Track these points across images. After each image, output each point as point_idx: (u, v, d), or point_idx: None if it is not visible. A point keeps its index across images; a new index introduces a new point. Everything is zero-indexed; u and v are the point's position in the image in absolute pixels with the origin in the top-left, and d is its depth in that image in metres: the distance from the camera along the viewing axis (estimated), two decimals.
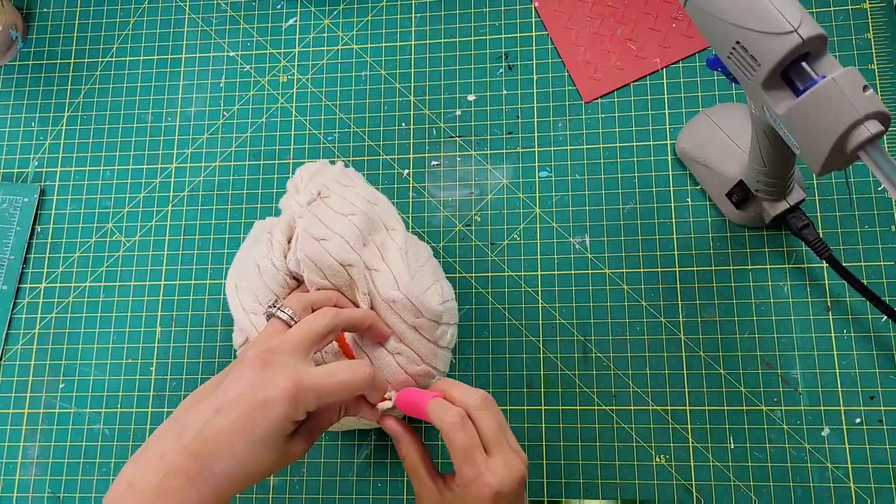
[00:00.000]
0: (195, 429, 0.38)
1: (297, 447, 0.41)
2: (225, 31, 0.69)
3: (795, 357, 0.56)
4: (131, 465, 0.38)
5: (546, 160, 0.62)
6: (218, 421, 0.38)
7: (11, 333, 0.64)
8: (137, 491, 0.37)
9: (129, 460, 0.39)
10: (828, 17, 0.61)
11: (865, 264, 0.57)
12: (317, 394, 0.39)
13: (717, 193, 0.58)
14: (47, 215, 0.67)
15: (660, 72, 0.63)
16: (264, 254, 0.49)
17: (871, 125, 0.37)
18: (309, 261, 0.46)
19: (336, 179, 0.52)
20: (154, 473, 0.37)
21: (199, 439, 0.38)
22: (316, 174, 0.53)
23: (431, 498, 0.43)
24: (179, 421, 0.39)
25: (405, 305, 0.47)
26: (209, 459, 0.37)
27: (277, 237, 0.49)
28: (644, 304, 0.58)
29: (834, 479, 0.53)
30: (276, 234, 0.49)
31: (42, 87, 0.70)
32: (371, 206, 0.51)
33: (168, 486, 0.36)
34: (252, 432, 0.38)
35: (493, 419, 0.42)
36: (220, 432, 0.38)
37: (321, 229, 0.47)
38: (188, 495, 0.37)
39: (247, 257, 0.51)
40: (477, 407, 0.42)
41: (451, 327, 0.52)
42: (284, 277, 0.48)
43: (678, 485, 0.55)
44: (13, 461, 0.62)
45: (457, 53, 0.66)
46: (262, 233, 0.51)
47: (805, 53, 0.39)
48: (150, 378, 0.62)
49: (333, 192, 0.51)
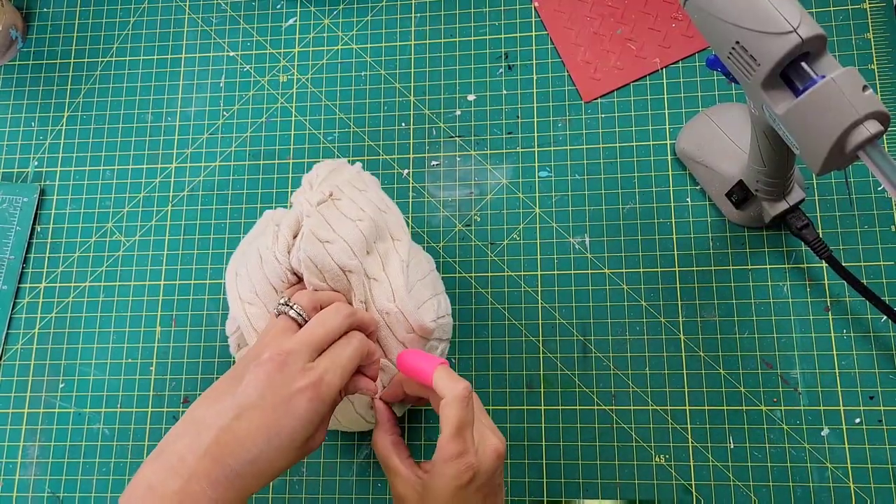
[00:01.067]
0: (214, 431, 0.38)
1: (317, 438, 0.41)
2: (225, 31, 0.69)
3: (795, 357, 0.56)
4: (149, 468, 0.38)
5: (546, 160, 0.62)
6: (240, 424, 0.38)
7: (11, 333, 0.64)
8: (158, 495, 0.36)
9: (146, 462, 0.38)
10: (827, 17, 0.61)
11: (865, 264, 0.57)
12: (341, 379, 0.40)
13: (716, 193, 0.58)
14: (47, 215, 0.67)
15: (660, 72, 0.63)
16: (268, 245, 0.49)
17: (870, 125, 0.37)
18: (310, 262, 0.46)
19: (350, 182, 0.52)
20: (175, 477, 0.36)
21: (220, 443, 0.37)
22: (332, 173, 0.52)
23: (406, 483, 0.42)
24: (196, 422, 0.39)
25: (397, 319, 0.47)
26: (232, 462, 0.37)
27: (284, 231, 0.49)
28: (644, 304, 0.58)
29: (833, 479, 0.53)
30: (283, 229, 0.49)
31: (42, 87, 0.70)
32: (380, 214, 0.51)
33: (190, 490, 0.36)
34: (277, 434, 0.38)
35: (477, 403, 0.43)
36: (243, 435, 0.38)
37: (327, 231, 0.47)
38: (210, 498, 0.36)
39: (250, 246, 0.51)
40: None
41: (441, 343, 0.52)
42: (285, 272, 0.48)
43: (678, 485, 0.55)
44: (13, 461, 0.62)
45: (457, 53, 0.66)
46: (269, 223, 0.51)
47: (804, 53, 0.39)
48: (150, 378, 0.62)
49: (345, 195, 0.50)
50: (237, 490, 0.37)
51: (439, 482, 0.40)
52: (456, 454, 0.40)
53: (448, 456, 0.40)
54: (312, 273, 0.46)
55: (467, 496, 0.40)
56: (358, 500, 0.58)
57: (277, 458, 0.38)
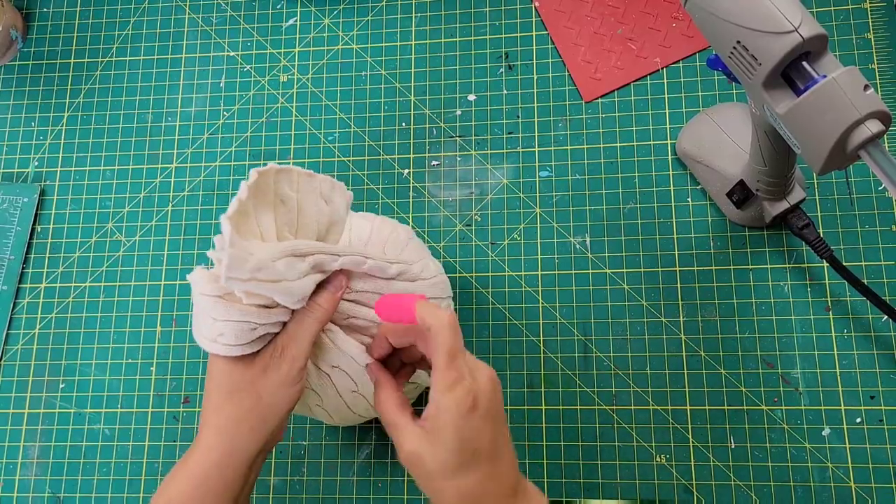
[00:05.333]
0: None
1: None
2: (225, 31, 0.69)
3: (796, 357, 0.56)
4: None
5: (546, 160, 0.62)
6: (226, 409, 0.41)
7: (11, 333, 0.64)
8: None
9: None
10: (828, 16, 0.61)
11: (866, 264, 0.57)
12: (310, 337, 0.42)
13: (717, 193, 0.58)
14: (47, 215, 0.67)
15: (660, 71, 0.63)
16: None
17: (871, 124, 0.37)
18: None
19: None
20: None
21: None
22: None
23: (414, 436, 0.40)
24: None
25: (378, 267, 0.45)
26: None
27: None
28: (644, 303, 0.58)
29: (834, 479, 0.53)
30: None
31: (42, 87, 0.70)
32: (321, 216, 0.45)
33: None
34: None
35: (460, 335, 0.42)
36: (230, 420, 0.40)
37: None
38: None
39: None
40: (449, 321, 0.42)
41: (443, 301, 0.51)
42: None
43: (678, 484, 0.55)
44: (13, 461, 0.61)
45: (457, 53, 0.66)
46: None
47: (805, 53, 0.39)
48: (151, 378, 0.62)
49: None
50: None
51: (445, 417, 0.38)
52: (452, 381, 0.38)
53: (445, 385, 0.38)
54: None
55: (475, 424, 0.38)
56: (358, 500, 0.58)
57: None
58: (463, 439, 0.38)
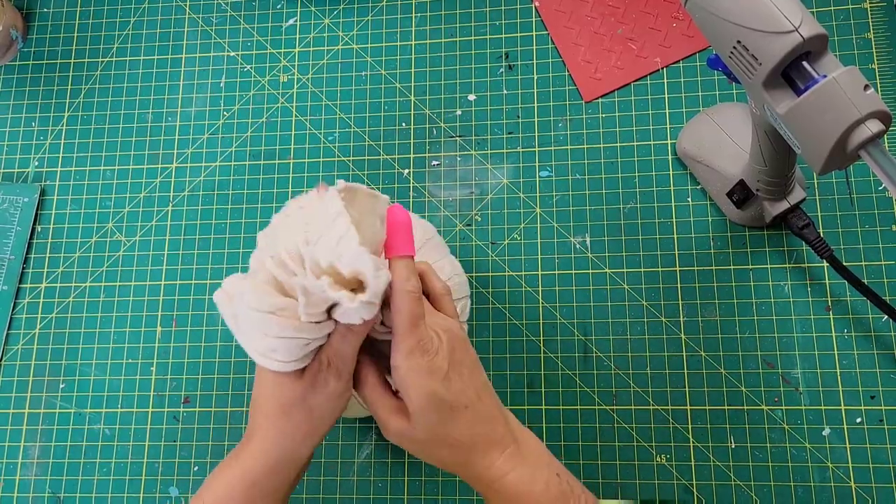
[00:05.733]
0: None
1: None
2: (225, 31, 0.69)
3: (796, 356, 0.56)
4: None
5: (546, 160, 0.62)
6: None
7: (11, 333, 0.64)
8: None
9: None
10: (828, 16, 0.61)
11: (866, 264, 0.57)
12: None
13: (717, 193, 0.58)
14: (47, 215, 0.67)
15: (660, 71, 0.63)
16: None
17: (872, 124, 0.37)
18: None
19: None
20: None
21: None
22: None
23: (394, 411, 0.41)
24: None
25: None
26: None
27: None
28: (645, 303, 0.58)
29: (835, 479, 0.53)
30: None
31: (42, 87, 0.70)
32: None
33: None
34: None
35: (428, 306, 0.42)
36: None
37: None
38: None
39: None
40: (442, 293, 0.43)
41: (460, 301, 0.52)
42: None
43: (679, 484, 0.55)
44: (13, 461, 0.61)
45: (457, 53, 0.66)
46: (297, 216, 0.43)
47: (806, 52, 0.39)
48: (151, 378, 0.62)
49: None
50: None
51: (415, 380, 0.39)
52: (416, 342, 0.39)
53: (409, 348, 0.39)
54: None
55: (442, 385, 0.39)
56: (358, 500, 0.58)
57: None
58: (435, 402, 0.39)
